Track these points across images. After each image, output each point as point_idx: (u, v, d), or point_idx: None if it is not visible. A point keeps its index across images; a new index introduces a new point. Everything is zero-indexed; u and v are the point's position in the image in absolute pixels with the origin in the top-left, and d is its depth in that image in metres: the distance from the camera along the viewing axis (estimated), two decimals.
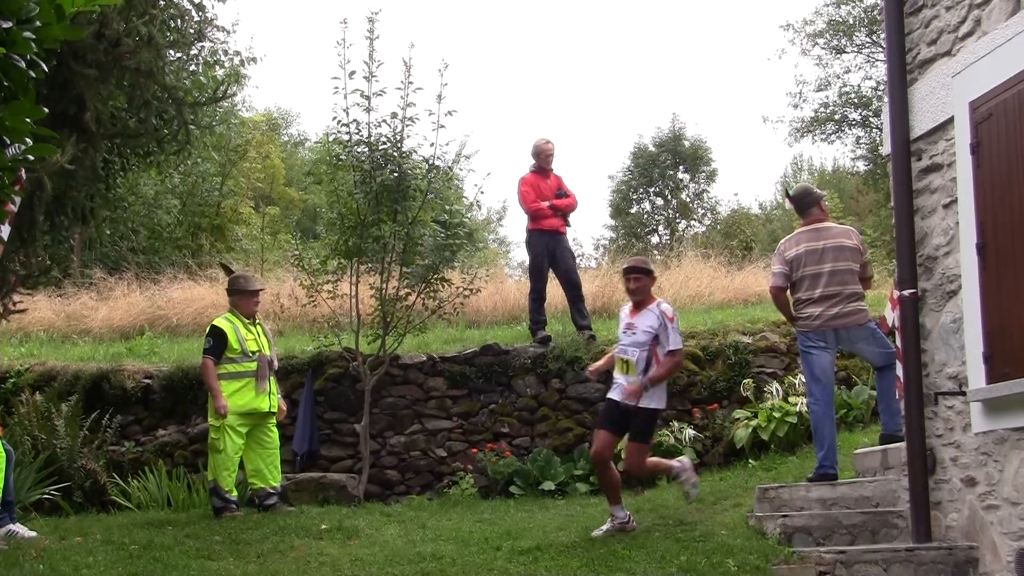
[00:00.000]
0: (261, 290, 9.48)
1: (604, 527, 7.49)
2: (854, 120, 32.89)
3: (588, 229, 71.49)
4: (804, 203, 8.15)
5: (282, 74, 69.95)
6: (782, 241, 8.22)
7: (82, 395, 11.02)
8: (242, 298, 9.20)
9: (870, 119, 31.80)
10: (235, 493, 8.90)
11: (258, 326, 9.24)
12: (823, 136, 33.25)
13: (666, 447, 10.11)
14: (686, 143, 38.20)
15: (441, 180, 10.92)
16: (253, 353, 8.98)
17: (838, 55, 32.60)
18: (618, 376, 7.68)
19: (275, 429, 9.16)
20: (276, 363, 9.31)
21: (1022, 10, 5.54)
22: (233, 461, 8.84)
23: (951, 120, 6.14)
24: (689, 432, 10.26)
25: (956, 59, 6.13)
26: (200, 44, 9.94)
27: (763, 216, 39.77)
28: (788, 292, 8.06)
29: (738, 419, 10.35)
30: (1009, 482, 5.63)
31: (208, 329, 9.11)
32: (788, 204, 8.48)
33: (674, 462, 8.06)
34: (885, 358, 7.79)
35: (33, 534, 7.94)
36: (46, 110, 3.07)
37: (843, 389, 10.54)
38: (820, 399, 7.74)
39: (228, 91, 9.27)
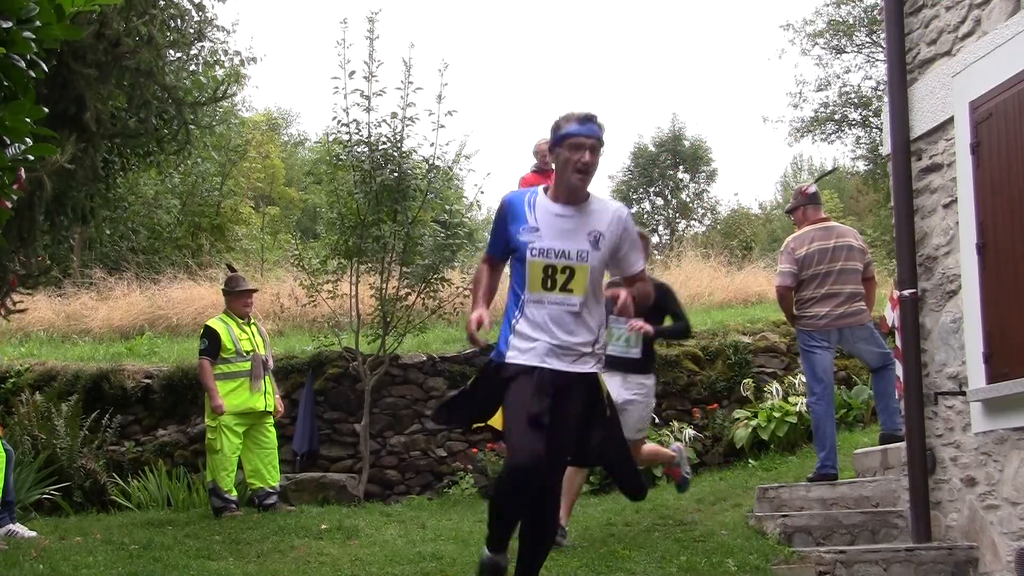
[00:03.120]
0: (253, 291, 9.50)
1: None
2: (854, 120, 32.84)
3: None
4: (819, 198, 8.26)
5: (282, 74, 70.04)
6: (790, 239, 8.12)
7: (82, 395, 11.02)
8: (234, 299, 9.25)
9: (870, 119, 31.76)
10: (235, 493, 8.90)
11: (253, 326, 9.26)
12: (823, 136, 33.20)
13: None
14: (686, 143, 38.22)
15: (441, 180, 10.92)
16: (247, 353, 9.00)
17: (838, 55, 32.56)
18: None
19: (272, 429, 9.17)
20: (271, 363, 9.33)
21: (1022, 10, 5.54)
22: (231, 461, 8.85)
23: (951, 120, 6.14)
24: (689, 432, 10.27)
25: (956, 59, 6.13)
26: (200, 44, 9.94)
27: (763, 216, 39.76)
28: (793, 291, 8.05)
29: (738, 419, 10.36)
30: (1009, 482, 5.63)
31: (202, 330, 9.17)
32: (812, 187, 8.38)
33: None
34: (881, 359, 7.80)
35: (33, 534, 7.94)
36: (46, 110, 3.07)
37: (843, 389, 10.55)
38: (822, 398, 7.74)
39: (228, 91, 9.26)
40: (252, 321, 9.31)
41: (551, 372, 4.68)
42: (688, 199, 38.67)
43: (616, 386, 6.57)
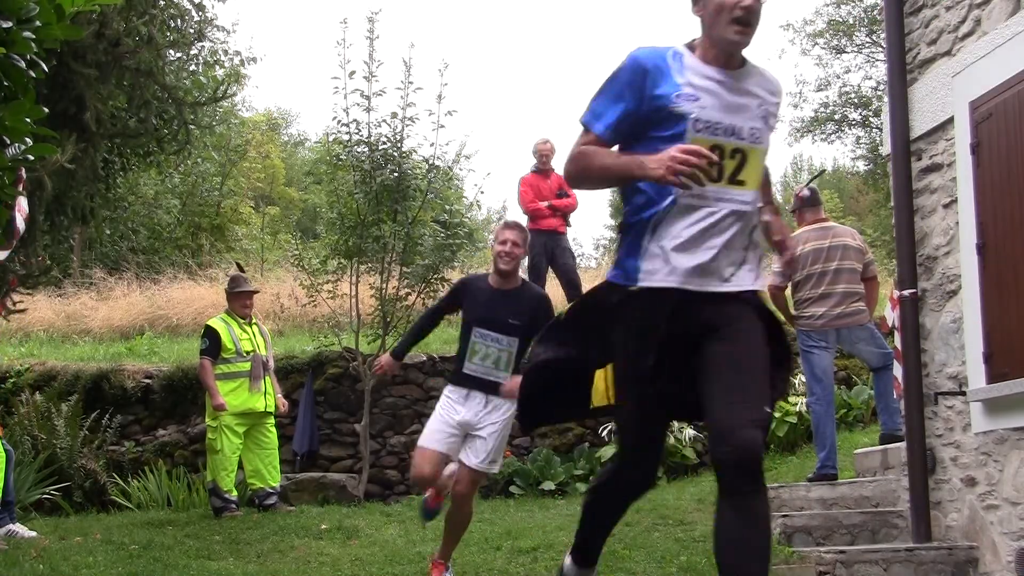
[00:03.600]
0: (253, 292, 9.49)
1: None
2: (854, 120, 32.86)
3: (588, 229, 71.59)
4: (818, 198, 8.21)
5: (282, 74, 69.97)
6: None
7: (82, 395, 11.01)
8: (234, 299, 9.26)
9: (870, 119, 31.77)
10: (235, 493, 8.90)
11: (254, 326, 9.26)
12: (823, 136, 33.23)
13: (666, 447, 10.10)
14: None
15: (441, 180, 10.92)
16: (247, 353, 9.00)
17: (838, 55, 32.58)
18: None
19: (273, 430, 9.17)
20: (272, 363, 9.33)
21: (1022, 10, 5.54)
22: (231, 461, 8.84)
23: (951, 120, 6.14)
24: (689, 432, 10.26)
25: (956, 59, 6.12)
26: (200, 44, 9.97)
27: None
28: (788, 291, 8.06)
29: None
30: (1009, 482, 5.63)
31: (203, 330, 9.19)
32: (804, 191, 8.36)
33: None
34: (882, 358, 7.79)
35: (33, 534, 7.94)
36: (46, 110, 3.07)
37: (843, 389, 10.54)
38: (822, 399, 7.73)
39: (228, 91, 9.27)
40: (253, 321, 9.32)
41: (702, 299, 3.40)
42: None
43: (475, 409, 5.86)
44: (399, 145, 10.39)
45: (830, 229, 7.97)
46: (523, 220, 10.15)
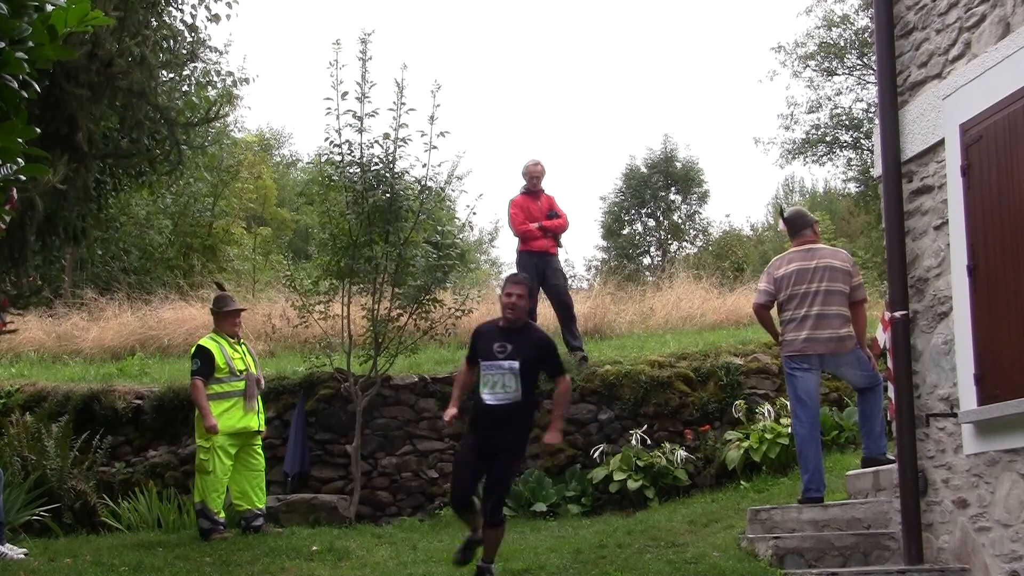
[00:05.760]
0: (243, 310, 9.49)
1: None
2: (845, 142, 33.04)
3: (580, 250, 71.62)
4: (797, 224, 8.09)
5: (274, 95, 70.06)
6: (774, 259, 8.18)
7: (72, 416, 10.96)
8: (224, 318, 9.23)
9: (861, 141, 31.94)
10: (223, 515, 8.86)
11: (243, 345, 9.25)
12: (814, 158, 33.40)
13: (658, 468, 10.10)
14: (678, 164, 38.28)
15: (433, 201, 10.92)
16: (240, 372, 8.97)
17: (829, 77, 32.78)
18: None
19: (261, 451, 9.14)
20: (263, 381, 9.30)
21: (1012, 33, 5.58)
22: (222, 483, 8.81)
23: (942, 142, 6.17)
24: (681, 453, 10.25)
25: (946, 81, 6.16)
26: (193, 65, 9.96)
27: (755, 237, 39.81)
28: (773, 311, 8.04)
29: (730, 440, 10.34)
30: (1001, 504, 5.63)
31: (193, 350, 9.10)
32: (780, 225, 8.43)
33: None
34: (868, 380, 7.77)
35: (23, 553, 7.89)
36: (38, 130, 3.06)
37: (834, 411, 10.54)
38: (805, 421, 7.67)
39: (220, 112, 9.28)
40: (241, 340, 9.30)
41: None
42: (680, 220, 38.71)
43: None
44: (391, 166, 10.41)
45: (816, 251, 7.92)
46: (514, 242, 10.11)
